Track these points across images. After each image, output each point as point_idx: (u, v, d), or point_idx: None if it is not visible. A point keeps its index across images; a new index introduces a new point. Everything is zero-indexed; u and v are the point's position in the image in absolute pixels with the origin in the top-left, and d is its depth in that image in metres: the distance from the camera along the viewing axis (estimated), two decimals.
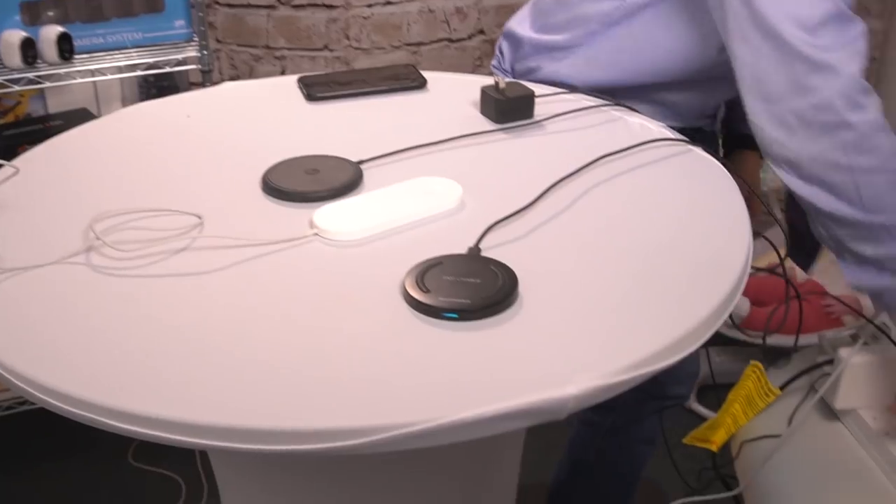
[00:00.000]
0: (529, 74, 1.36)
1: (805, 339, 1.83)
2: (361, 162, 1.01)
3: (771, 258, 2.14)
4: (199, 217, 0.92)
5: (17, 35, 1.70)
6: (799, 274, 2.11)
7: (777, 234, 1.21)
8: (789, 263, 2.08)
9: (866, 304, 2.03)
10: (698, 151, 1.05)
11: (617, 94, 1.21)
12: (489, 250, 0.85)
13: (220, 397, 0.67)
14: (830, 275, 2.09)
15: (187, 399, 0.67)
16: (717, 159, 1.03)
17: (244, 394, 0.68)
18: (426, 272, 0.80)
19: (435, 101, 1.23)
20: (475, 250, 0.84)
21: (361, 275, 0.83)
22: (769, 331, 1.90)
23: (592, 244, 0.88)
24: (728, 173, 1.00)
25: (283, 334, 0.74)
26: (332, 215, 0.91)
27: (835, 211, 1.03)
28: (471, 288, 0.78)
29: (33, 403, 0.71)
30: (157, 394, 0.68)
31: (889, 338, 1.07)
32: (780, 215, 2.31)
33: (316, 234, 0.88)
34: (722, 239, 0.88)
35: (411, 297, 0.77)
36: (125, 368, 0.71)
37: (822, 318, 2.00)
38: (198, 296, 0.80)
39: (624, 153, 1.03)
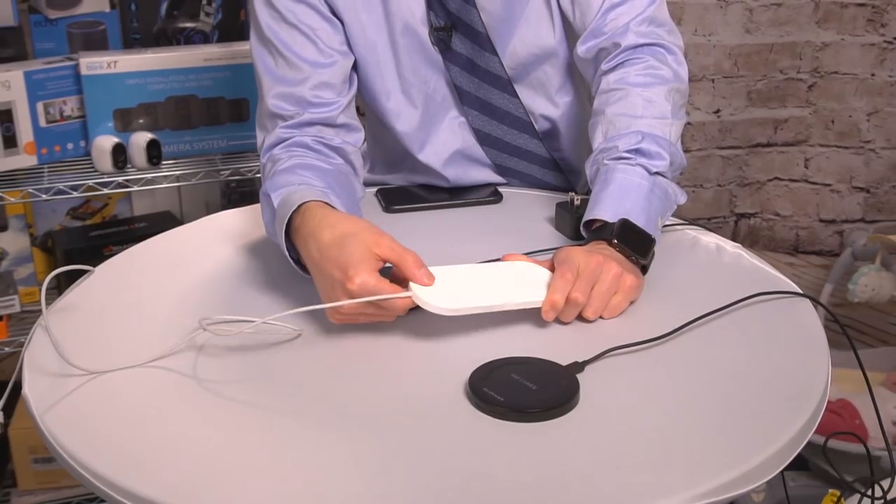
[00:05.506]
0: None
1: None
2: None
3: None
4: (297, 331, 0.93)
5: (109, 141, 1.78)
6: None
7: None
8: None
9: None
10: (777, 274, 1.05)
11: None
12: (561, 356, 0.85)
13: None
14: None
15: None
16: (804, 296, 1.02)
17: None
18: (493, 370, 0.83)
19: (510, 216, 1.25)
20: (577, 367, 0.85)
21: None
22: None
23: (670, 364, 0.87)
24: (804, 297, 0.99)
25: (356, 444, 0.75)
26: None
27: None
28: (529, 390, 0.80)
29: (103, 500, 0.72)
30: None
31: None
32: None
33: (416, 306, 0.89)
34: (801, 367, 0.87)
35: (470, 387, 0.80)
36: (205, 475, 0.72)
37: None
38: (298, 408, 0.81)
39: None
